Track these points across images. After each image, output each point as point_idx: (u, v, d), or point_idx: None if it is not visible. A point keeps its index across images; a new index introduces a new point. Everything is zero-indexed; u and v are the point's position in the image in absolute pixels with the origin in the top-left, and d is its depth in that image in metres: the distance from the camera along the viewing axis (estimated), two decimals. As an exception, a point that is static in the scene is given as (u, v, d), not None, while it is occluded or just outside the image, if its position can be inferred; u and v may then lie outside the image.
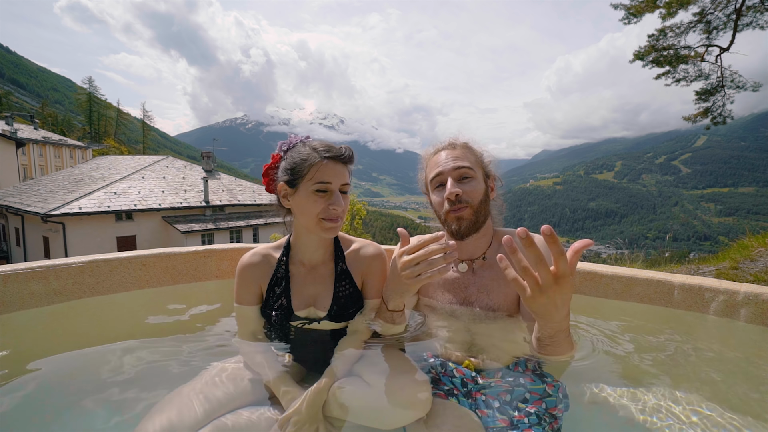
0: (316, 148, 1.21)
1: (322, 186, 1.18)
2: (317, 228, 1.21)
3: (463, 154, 1.31)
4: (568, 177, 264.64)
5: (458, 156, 1.30)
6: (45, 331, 1.49)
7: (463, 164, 1.28)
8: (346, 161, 1.22)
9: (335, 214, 1.20)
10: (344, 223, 1.40)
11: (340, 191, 1.21)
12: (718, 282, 1.49)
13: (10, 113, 41.31)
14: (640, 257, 5.86)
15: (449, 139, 1.37)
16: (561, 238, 0.89)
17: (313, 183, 1.18)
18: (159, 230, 18.12)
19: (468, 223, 1.27)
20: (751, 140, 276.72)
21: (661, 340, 1.38)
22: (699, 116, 9.17)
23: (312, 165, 1.18)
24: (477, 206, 1.27)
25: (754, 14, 7.95)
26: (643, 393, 1.09)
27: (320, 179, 1.18)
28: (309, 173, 1.19)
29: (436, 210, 1.35)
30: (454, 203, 1.26)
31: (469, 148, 1.34)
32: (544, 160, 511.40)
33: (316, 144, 1.23)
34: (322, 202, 1.19)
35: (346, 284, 1.32)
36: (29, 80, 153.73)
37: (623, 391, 1.10)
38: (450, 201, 1.26)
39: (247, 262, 1.34)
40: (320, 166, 1.18)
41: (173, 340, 1.43)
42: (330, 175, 1.18)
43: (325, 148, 1.20)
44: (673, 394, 1.07)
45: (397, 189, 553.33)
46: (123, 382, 1.16)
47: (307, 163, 1.19)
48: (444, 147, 1.35)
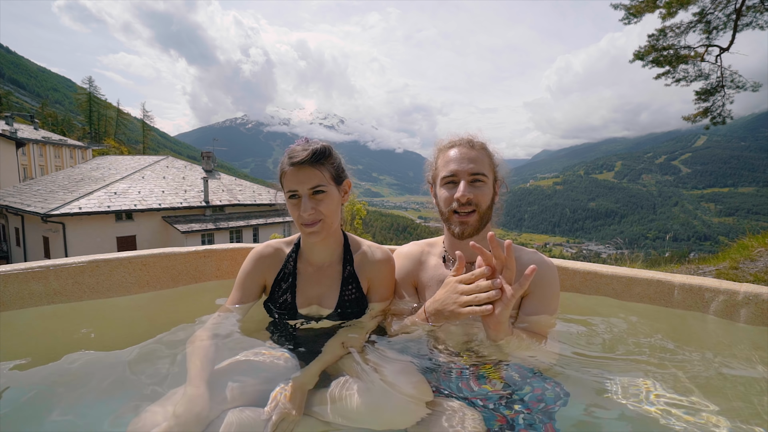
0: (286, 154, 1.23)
1: (291, 193, 1.20)
2: (302, 233, 1.23)
3: (479, 157, 1.29)
4: (568, 177, 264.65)
5: (475, 158, 1.28)
6: (45, 331, 1.49)
7: (479, 170, 1.27)
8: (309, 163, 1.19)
9: (308, 219, 1.20)
10: (344, 222, 1.40)
11: (314, 194, 1.20)
12: (718, 282, 1.49)
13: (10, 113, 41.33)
14: (640, 257, 5.86)
15: (468, 136, 1.34)
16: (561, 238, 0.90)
17: (286, 191, 1.22)
18: (159, 230, 18.12)
19: (472, 229, 1.27)
20: (751, 140, 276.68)
21: (661, 340, 1.38)
22: (699, 116, 9.18)
23: (283, 174, 1.22)
24: (483, 212, 1.28)
25: (754, 14, 7.95)
26: (643, 393, 1.09)
27: (288, 188, 1.21)
28: (284, 182, 1.22)
29: (441, 205, 1.33)
30: (463, 205, 1.26)
31: (485, 150, 1.32)
32: (544, 160, 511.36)
33: (289, 149, 1.24)
34: (296, 209, 1.21)
35: (353, 288, 1.32)
36: (29, 80, 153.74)
37: (623, 391, 1.10)
38: (459, 203, 1.26)
39: (260, 252, 1.35)
40: (286, 175, 1.20)
41: (173, 340, 1.42)
42: (293, 182, 1.20)
43: (289, 155, 1.21)
44: (673, 394, 1.07)
45: (397, 189, 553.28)
46: (122, 382, 1.15)
47: (281, 172, 1.23)
48: (462, 143, 1.32)
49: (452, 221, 1.30)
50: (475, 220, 1.27)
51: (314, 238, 1.24)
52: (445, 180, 1.30)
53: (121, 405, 1.07)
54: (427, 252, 1.46)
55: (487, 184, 1.28)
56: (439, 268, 1.40)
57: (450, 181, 1.29)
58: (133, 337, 1.43)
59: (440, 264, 1.40)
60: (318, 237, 1.24)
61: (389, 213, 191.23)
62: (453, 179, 1.28)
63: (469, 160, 1.27)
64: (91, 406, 1.07)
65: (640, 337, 1.40)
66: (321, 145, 1.24)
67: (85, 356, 1.30)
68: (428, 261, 1.44)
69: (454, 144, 1.33)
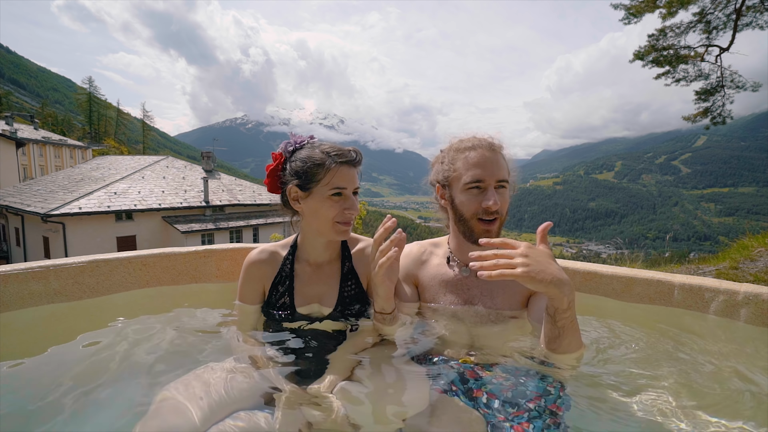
0: (329, 152, 1.22)
1: (338, 191, 1.20)
2: (331, 231, 1.23)
3: (502, 162, 1.27)
4: (568, 177, 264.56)
5: (500, 163, 1.26)
6: (45, 331, 1.49)
7: (504, 176, 1.25)
8: (356, 164, 1.25)
9: (350, 217, 1.22)
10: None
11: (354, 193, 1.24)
12: (718, 282, 1.49)
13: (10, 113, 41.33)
14: (640, 257, 5.86)
15: (488, 138, 1.30)
16: (561, 238, 0.91)
17: (330, 188, 1.20)
18: (159, 230, 18.12)
19: (494, 236, 1.25)
20: (751, 140, 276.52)
21: (661, 340, 1.38)
22: (699, 116, 9.18)
23: (328, 170, 1.20)
24: (504, 217, 1.28)
25: (754, 14, 7.95)
26: (643, 393, 1.09)
27: (336, 184, 1.20)
28: (325, 178, 1.20)
29: (462, 210, 1.28)
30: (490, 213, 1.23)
31: (503, 155, 1.30)
32: (544, 160, 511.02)
33: (326, 147, 1.24)
34: (338, 207, 1.21)
35: (352, 284, 1.32)
36: (29, 80, 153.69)
37: (623, 391, 1.09)
38: (488, 211, 1.23)
39: (254, 258, 1.35)
40: (336, 172, 1.20)
41: (172, 340, 1.42)
42: (345, 180, 1.21)
43: (337, 152, 1.22)
44: (673, 394, 1.07)
45: (397, 189, 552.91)
46: (122, 383, 1.15)
47: (323, 167, 1.20)
48: (483, 146, 1.27)
49: (474, 227, 1.26)
50: (497, 227, 1.26)
51: (345, 236, 1.26)
52: (468, 185, 1.25)
53: (122, 405, 1.07)
54: (429, 252, 1.45)
55: (507, 189, 1.28)
56: (442, 267, 1.39)
57: (475, 187, 1.24)
58: (134, 337, 1.43)
59: (443, 264, 1.39)
60: (348, 236, 1.27)
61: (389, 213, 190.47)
62: (479, 185, 1.24)
63: (497, 166, 1.25)
64: (92, 407, 1.06)
65: (640, 337, 1.40)
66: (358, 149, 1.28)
67: (84, 357, 1.30)
68: (430, 261, 1.43)
69: (475, 145, 1.28)
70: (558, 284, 0.97)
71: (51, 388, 1.13)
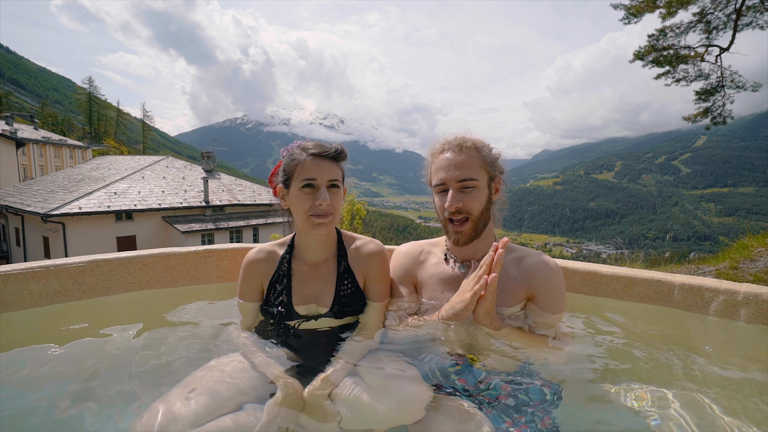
0: (305, 147, 1.25)
1: (308, 182, 1.20)
2: (307, 225, 1.23)
3: (468, 161, 1.26)
4: (568, 177, 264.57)
5: (462, 163, 1.25)
6: (45, 331, 1.49)
7: (467, 175, 1.24)
8: (333, 157, 1.24)
9: (321, 209, 1.21)
10: (344, 222, 1.42)
11: (329, 187, 1.23)
12: (718, 282, 1.49)
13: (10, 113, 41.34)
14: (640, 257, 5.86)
15: (457, 138, 1.31)
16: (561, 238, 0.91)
17: (300, 180, 1.21)
18: (159, 230, 18.12)
19: (466, 237, 1.28)
20: (751, 140, 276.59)
21: (661, 340, 1.38)
22: (699, 116, 9.18)
23: (301, 164, 1.22)
24: (477, 217, 1.27)
25: (754, 14, 7.95)
26: (643, 392, 1.09)
27: (306, 176, 1.21)
28: (296, 171, 1.22)
29: (437, 212, 1.35)
30: (454, 214, 1.26)
31: (476, 150, 1.28)
32: (544, 160, 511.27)
33: (307, 144, 1.27)
34: (309, 199, 1.21)
35: (348, 283, 1.32)
36: (29, 80, 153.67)
37: (623, 391, 1.10)
38: (449, 212, 1.26)
39: (252, 258, 1.36)
40: (305, 163, 1.21)
41: (172, 340, 1.42)
42: (314, 171, 1.21)
43: (312, 146, 1.24)
44: (673, 394, 1.07)
45: (397, 189, 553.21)
46: (122, 383, 1.16)
47: (296, 161, 1.23)
48: (451, 147, 1.29)
49: (447, 229, 1.31)
50: (468, 228, 1.27)
51: (322, 230, 1.24)
52: (437, 189, 1.31)
53: (122, 404, 1.07)
54: (427, 251, 1.46)
55: (478, 188, 1.26)
56: (440, 266, 1.39)
57: (441, 190, 1.29)
58: (134, 337, 1.43)
59: (441, 262, 1.40)
60: (326, 230, 1.25)
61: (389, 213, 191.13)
62: (443, 187, 1.28)
63: (456, 167, 1.25)
64: (92, 406, 1.07)
65: (640, 337, 1.40)
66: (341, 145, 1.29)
67: (85, 356, 1.30)
68: (428, 259, 1.43)
69: (444, 148, 1.31)
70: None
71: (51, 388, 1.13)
